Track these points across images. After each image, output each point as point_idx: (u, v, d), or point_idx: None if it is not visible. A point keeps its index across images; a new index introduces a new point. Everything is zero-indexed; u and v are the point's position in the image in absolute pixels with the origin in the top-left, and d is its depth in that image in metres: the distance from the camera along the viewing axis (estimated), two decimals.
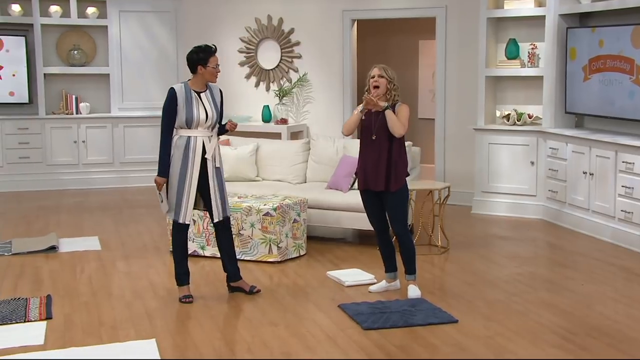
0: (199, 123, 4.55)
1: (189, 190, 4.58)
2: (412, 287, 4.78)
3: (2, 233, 6.68)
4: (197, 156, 4.56)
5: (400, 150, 4.72)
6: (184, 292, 4.69)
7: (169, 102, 4.54)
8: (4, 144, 8.90)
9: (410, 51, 10.14)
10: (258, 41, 9.03)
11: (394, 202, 4.72)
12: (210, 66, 4.57)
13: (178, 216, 4.60)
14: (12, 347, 3.89)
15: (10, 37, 8.91)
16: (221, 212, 4.71)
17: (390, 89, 4.70)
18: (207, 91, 4.64)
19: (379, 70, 4.72)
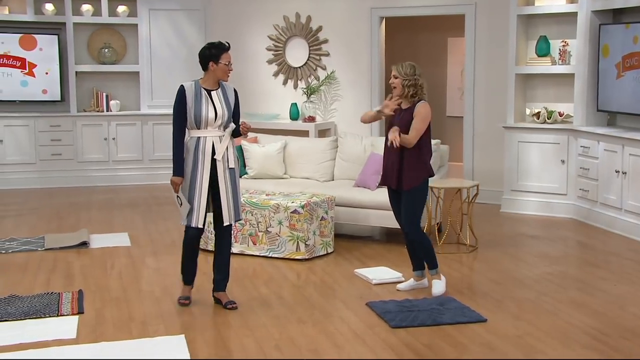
0: (208, 122, 4.38)
1: (200, 193, 4.39)
2: (436, 283, 4.77)
3: (35, 228, 6.80)
4: (207, 157, 4.39)
5: (418, 150, 4.65)
6: (182, 292, 4.59)
7: (178, 100, 4.40)
8: (37, 141, 9.05)
9: (438, 49, 10.07)
10: (286, 39, 9.05)
11: (406, 200, 4.71)
12: (222, 63, 4.44)
13: (191, 221, 4.42)
14: (46, 341, 3.95)
15: (43, 36, 9.05)
16: (232, 216, 4.49)
17: (405, 86, 4.64)
18: (219, 90, 4.49)
19: (394, 70, 4.69)
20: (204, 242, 5.90)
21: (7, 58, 8.95)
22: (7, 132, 8.94)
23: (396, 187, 4.72)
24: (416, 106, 4.66)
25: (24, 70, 9.02)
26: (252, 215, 5.71)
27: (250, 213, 5.72)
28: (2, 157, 8.93)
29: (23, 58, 8.99)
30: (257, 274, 5.32)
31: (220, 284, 4.58)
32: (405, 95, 4.66)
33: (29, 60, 9.01)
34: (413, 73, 4.65)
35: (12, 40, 8.95)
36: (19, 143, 8.99)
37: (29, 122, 9.02)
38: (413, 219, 4.74)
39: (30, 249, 5.94)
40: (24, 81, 9.03)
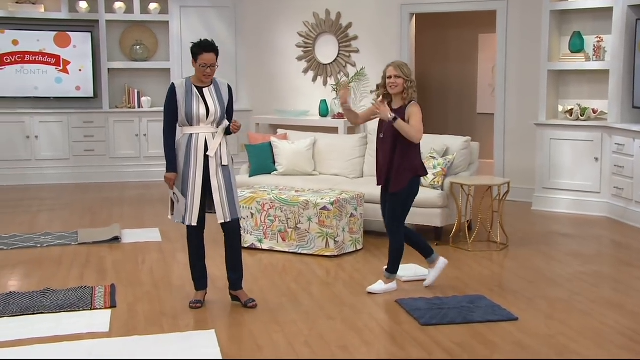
0: (200, 119, 4.27)
1: (194, 191, 4.30)
2: (380, 283, 4.77)
3: (69, 223, 6.91)
4: (200, 154, 4.29)
5: (407, 151, 4.57)
6: (196, 297, 4.51)
7: (169, 97, 4.30)
8: (70, 137, 9.19)
9: (469, 45, 9.98)
10: (316, 36, 9.05)
11: (393, 201, 4.66)
12: (198, 63, 4.24)
13: (184, 219, 4.34)
14: (80, 333, 4.02)
15: (77, 33, 9.19)
16: (228, 214, 4.35)
17: (407, 87, 4.56)
18: (212, 86, 4.35)
19: (395, 69, 4.56)
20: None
21: (43, 55, 9.10)
22: (42, 128, 9.09)
23: (385, 186, 4.67)
24: (408, 107, 4.58)
25: (58, 67, 9.16)
26: (281, 211, 5.73)
27: (279, 209, 5.74)
28: (37, 152, 9.09)
29: (58, 55, 9.14)
30: (287, 270, 5.33)
31: (237, 282, 4.50)
32: (406, 96, 4.58)
33: (64, 58, 9.16)
34: (410, 73, 4.61)
35: (47, 37, 9.10)
36: (53, 139, 9.15)
37: (62, 118, 9.16)
38: (392, 219, 4.70)
39: (64, 243, 6.04)
40: (59, 78, 9.18)
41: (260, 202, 5.81)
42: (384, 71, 4.63)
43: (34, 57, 9.08)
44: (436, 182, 6.07)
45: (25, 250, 5.84)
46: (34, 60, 9.08)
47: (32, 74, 9.09)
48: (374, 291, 4.73)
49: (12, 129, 9.01)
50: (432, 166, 6.12)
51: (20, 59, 9.04)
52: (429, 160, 6.18)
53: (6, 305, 4.43)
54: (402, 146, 4.55)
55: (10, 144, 9.00)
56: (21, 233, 6.40)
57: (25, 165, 9.08)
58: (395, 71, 4.56)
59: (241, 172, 6.97)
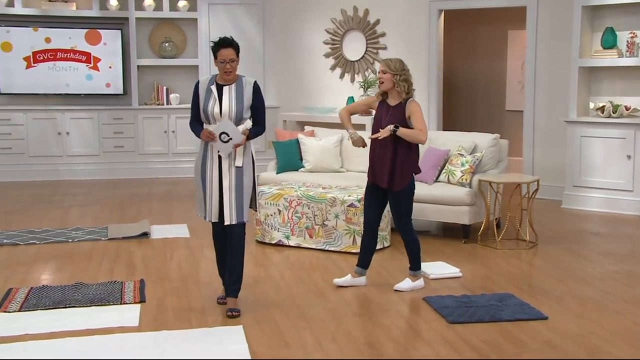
0: (214, 117, 4.21)
1: (211, 188, 4.27)
2: (406, 280, 4.75)
3: (99, 218, 7.00)
4: (216, 154, 4.26)
5: (409, 150, 4.56)
6: (224, 292, 4.46)
7: (193, 94, 4.32)
8: (100, 134, 9.31)
9: (498, 42, 9.89)
10: (343, 32, 9.04)
11: (397, 200, 4.63)
12: (218, 60, 4.20)
13: (205, 213, 4.34)
14: (110, 327, 4.07)
15: (107, 31, 9.30)
16: (234, 216, 4.24)
17: (397, 81, 4.52)
18: (234, 85, 4.25)
19: (382, 65, 4.55)
20: (261, 235, 5.97)
21: (74, 53, 9.23)
22: (73, 125, 9.22)
23: (386, 186, 4.61)
24: (408, 104, 4.54)
25: (89, 64, 9.28)
26: (308, 208, 5.74)
27: (306, 206, 5.75)
28: (68, 148, 9.23)
29: (88, 52, 9.26)
30: (314, 266, 5.34)
31: (230, 289, 4.35)
32: (400, 91, 4.55)
33: (94, 55, 9.28)
34: (403, 68, 4.55)
35: (78, 35, 9.23)
36: (84, 135, 9.27)
37: (93, 115, 9.28)
38: (405, 219, 4.67)
39: (94, 238, 6.12)
40: (89, 75, 9.30)
41: (287, 199, 5.83)
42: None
43: (65, 55, 9.21)
44: (464, 180, 6.03)
45: (57, 244, 5.93)
46: (65, 58, 9.21)
47: (64, 71, 9.22)
48: (402, 289, 4.72)
49: (44, 126, 9.16)
50: (460, 163, 6.08)
51: (53, 56, 9.18)
52: (456, 157, 6.14)
53: (39, 299, 4.51)
54: (405, 146, 4.55)
55: (43, 140, 9.15)
56: (53, 228, 6.50)
57: (57, 161, 9.22)
58: (382, 66, 4.56)
59: (268, 169, 7.00)
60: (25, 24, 9.12)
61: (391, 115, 4.56)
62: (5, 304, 4.41)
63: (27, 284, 4.88)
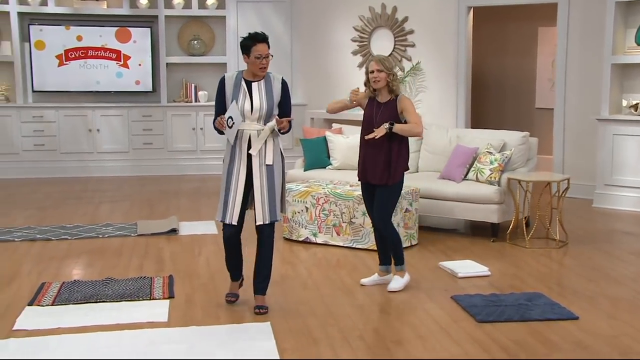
0: (245, 114, 4.12)
1: (236, 188, 4.17)
2: (397, 278, 4.70)
3: (128, 215, 7.08)
4: (244, 151, 4.16)
5: (400, 146, 4.56)
6: (230, 289, 4.47)
7: (218, 90, 4.22)
8: (130, 131, 9.41)
9: (528, 39, 9.78)
10: (371, 30, 9.02)
11: (385, 194, 4.60)
12: (253, 56, 4.11)
13: (224, 216, 4.20)
14: (140, 322, 4.12)
15: (137, 29, 9.40)
16: (267, 216, 4.20)
17: (391, 80, 4.52)
18: (262, 81, 4.19)
19: (377, 64, 4.51)
20: (288, 232, 5.98)
21: (104, 50, 9.34)
22: (103, 122, 9.34)
23: (380, 182, 4.58)
24: (399, 100, 4.53)
25: (119, 62, 9.39)
26: (336, 206, 5.74)
27: (334, 204, 5.75)
28: (98, 145, 9.35)
29: (118, 50, 9.36)
30: (341, 264, 5.34)
31: (258, 287, 4.34)
32: (391, 90, 4.54)
33: (124, 53, 9.38)
34: (393, 66, 4.57)
35: (109, 33, 9.34)
36: (113, 132, 9.39)
37: (123, 112, 9.39)
38: (386, 213, 4.64)
39: (124, 234, 6.19)
40: (119, 72, 9.41)
41: (315, 196, 5.84)
42: (366, 66, 4.61)
43: (96, 52, 9.33)
44: (493, 178, 5.98)
45: (88, 240, 6.02)
46: (96, 56, 9.33)
47: (95, 69, 9.34)
48: (395, 289, 4.65)
49: (75, 123, 9.28)
50: (488, 161, 6.04)
51: (84, 54, 9.30)
52: (485, 155, 6.09)
53: (71, 293, 4.59)
54: (398, 142, 4.55)
55: (74, 137, 9.28)
56: (84, 224, 6.59)
57: (88, 158, 9.35)
58: (377, 65, 4.52)
59: (296, 167, 7.02)
60: (58, 22, 9.25)
61: (383, 112, 4.55)
62: (39, 298, 4.49)
63: (60, 278, 4.96)
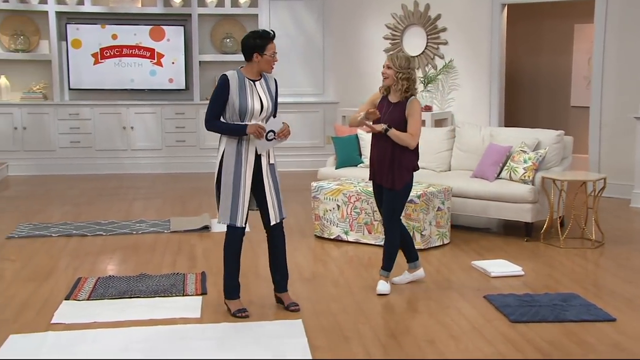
0: (253, 114, 4.06)
1: (245, 191, 4.10)
2: (381, 283, 4.61)
3: (162, 211, 7.16)
4: (251, 152, 4.10)
5: (404, 149, 4.48)
6: (237, 306, 4.21)
7: (221, 89, 4.05)
8: (163, 128, 9.51)
9: (564, 36, 9.63)
10: (404, 28, 8.97)
11: (391, 197, 4.54)
12: (267, 54, 4.06)
13: (235, 219, 4.10)
14: (173, 318, 4.16)
15: (170, 27, 9.49)
16: (278, 214, 4.25)
17: (399, 79, 4.44)
18: (262, 80, 4.16)
19: (388, 60, 4.48)
20: (319, 230, 5.98)
21: (139, 49, 9.45)
22: (137, 119, 9.45)
23: (385, 185, 4.53)
24: (408, 103, 4.46)
25: (152, 60, 9.50)
26: (367, 204, 5.73)
27: (366, 202, 5.74)
28: (133, 142, 9.46)
29: (152, 49, 9.47)
30: (373, 262, 5.33)
31: (281, 284, 4.37)
32: (398, 90, 4.47)
33: (158, 51, 9.49)
34: (407, 66, 4.45)
35: (143, 31, 9.45)
36: (147, 130, 9.49)
37: (156, 109, 9.49)
38: (395, 213, 4.59)
39: (157, 230, 6.26)
40: (153, 70, 9.52)
41: (346, 194, 5.83)
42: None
43: (130, 51, 9.44)
44: (527, 177, 5.91)
45: (122, 236, 6.10)
46: (130, 54, 9.45)
47: (129, 67, 9.46)
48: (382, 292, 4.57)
49: (110, 120, 9.41)
50: (522, 160, 5.97)
51: (119, 52, 9.43)
52: (519, 154, 6.02)
53: (106, 289, 4.66)
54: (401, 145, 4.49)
55: (108, 135, 9.41)
56: (118, 220, 6.69)
57: (122, 155, 9.47)
58: (387, 61, 4.49)
59: (327, 165, 7.02)
60: (94, 21, 9.39)
61: (391, 113, 4.51)
62: (75, 293, 4.57)
63: (95, 273, 5.04)
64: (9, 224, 6.48)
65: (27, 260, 5.36)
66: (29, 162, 9.25)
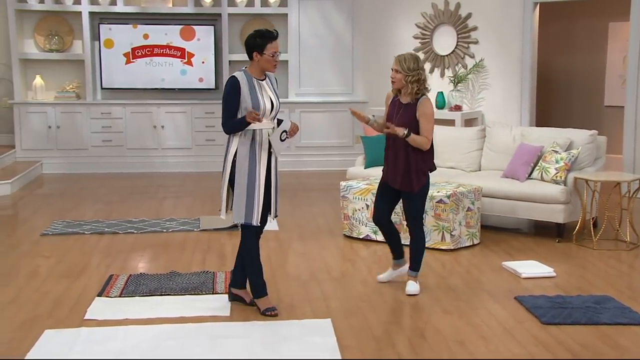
0: (264, 113, 4.05)
1: (259, 190, 4.10)
2: (411, 283, 4.58)
3: (191, 210, 7.21)
4: (265, 151, 4.11)
5: (421, 152, 4.45)
6: (266, 304, 4.22)
7: (232, 90, 4.04)
8: (193, 127, 9.58)
9: (598, 34, 9.47)
10: (434, 27, 8.92)
11: (413, 199, 4.51)
12: (267, 54, 4.04)
13: (251, 218, 4.09)
14: (203, 316, 4.19)
15: (201, 27, 9.56)
16: (278, 210, 4.31)
17: (408, 82, 4.39)
18: (267, 79, 4.16)
19: (395, 64, 4.41)
20: (348, 230, 5.97)
21: (169, 48, 9.54)
22: (167, 119, 9.54)
23: (401, 188, 4.49)
24: (419, 103, 4.41)
25: (183, 59, 9.58)
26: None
27: None
28: (163, 141, 9.55)
29: (183, 48, 9.55)
30: None
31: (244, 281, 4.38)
32: (409, 93, 4.42)
33: (188, 50, 9.56)
34: (416, 67, 4.39)
35: (174, 31, 9.53)
36: (177, 129, 9.58)
37: (186, 109, 9.57)
38: (418, 215, 4.57)
39: (187, 229, 6.31)
40: (183, 70, 9.60)
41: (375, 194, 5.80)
42: None
43: (161, 50, 9.53)
44: (559, 177, 5.83)
45: (153, 234, 6.16)
46: (161, 53, 9.54)
47: (160, 67, 9.55)
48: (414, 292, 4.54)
49: (141, 119, 9.51)
50: (554, 160, 5.89)
51: (150, 52, 9.52)
52: (550, 154, 5.95)
53: (137, 286, 4.71)
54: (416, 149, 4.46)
55: (139, 134, 9.51)
56: (149, 218, 6.75)
57: (152, 154, 9.57)
58: (395, 65, 4.43)
59: (356, 164, 7.00)
60: (126, 21, 9.50)
61: (402, 114, 4.47)
62: (107, 290, 4.63)
63: (126, 271, 5.10)
64: (43, 221, 6.59)
65: (61, 257, 5.44)
66: (62, 160, 9.40)
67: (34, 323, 4.08)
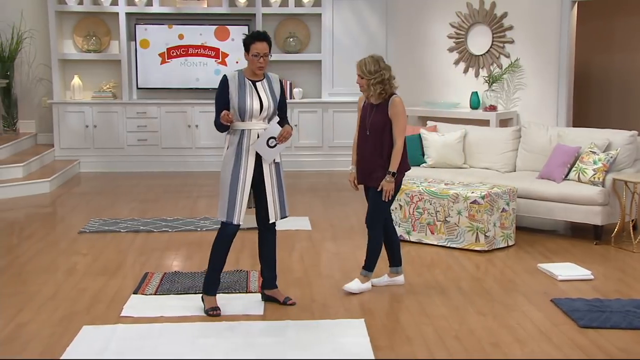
0: (253, 114, 4.10)
1: (244, 189, 4.14)
2: (355, 281, 4.56)
3: None
4: (252, 151, 4.13)
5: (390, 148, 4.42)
6: (211, 304, 4.23)
7: (220, 89, 4.14)
8: None
9: (638, 33, 9.28)
10: (468, 26, 8.84)
11: (375, 197, 4.47)
12: (251, 54, 4.10)
13: (232, 217, 4.13)
14: (236, 314, 4.22)
15: (235, 27, 9.62)
16: (279, 213, 4.32)
17: (371, 85, 4.39)
18: (265, 80, 4.20)
19: (357, 69, 4.43)
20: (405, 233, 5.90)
21: (204, 48, 9.63)
22: (202, 118, 9.62)
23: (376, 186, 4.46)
24: (390, 103, 4.39)
25: (217, 59, 9.65)
26: (430, 204, 5.67)
27: (428, 202, 5.68)
28: (197, 141, 9.64)
29: (217, 48, 9.62)
30: (435, 263, 5.28)
31: (272, 281, 4.43)
32: (374, 94, 4.40)
33: (222, 50, 9.63)
34: (377, 69, 4.38)
35: (208, 31, 9.61)
36: (211, 128, 9.60)
37: None
38: (380, 213, 4.52)
39: None
40: (217, 70, 9.67)
41: (409, 194, 5.79)
42: None
43: (196, 50, 9.62)
44: (597, 179, 5.73)
45: (187, 233, 6.22)
46: (196, 53, 9.63)
47: (195, 66, 9.64)
48: (352, 290, 4.54)
49: (175, 119, 9.61)
50: (592, 161, 5.80)
51: (185, 52, 9.62)
52: (588, 155, 5.85)
53: (172, 284, 4.76)
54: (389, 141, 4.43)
55: (174, 133, 9.61)
56: (183, 217, 6.82)
57: (187, 153, 9.66)
58: (357, 70, 4.45)
59: None
60: (161, 21, 9.61)
61: (375, 115, 4.47)
62: (143, 287, 4.69)
63: (161, 269, 5.16)
64: (81, 219, 6.70)
65: (97, 255, 5.53)
66: (98, 159, 9.55)
67: (72, 319, 4.15)
